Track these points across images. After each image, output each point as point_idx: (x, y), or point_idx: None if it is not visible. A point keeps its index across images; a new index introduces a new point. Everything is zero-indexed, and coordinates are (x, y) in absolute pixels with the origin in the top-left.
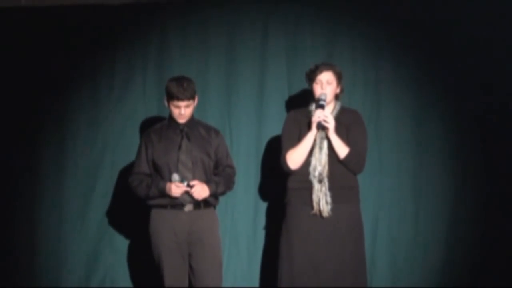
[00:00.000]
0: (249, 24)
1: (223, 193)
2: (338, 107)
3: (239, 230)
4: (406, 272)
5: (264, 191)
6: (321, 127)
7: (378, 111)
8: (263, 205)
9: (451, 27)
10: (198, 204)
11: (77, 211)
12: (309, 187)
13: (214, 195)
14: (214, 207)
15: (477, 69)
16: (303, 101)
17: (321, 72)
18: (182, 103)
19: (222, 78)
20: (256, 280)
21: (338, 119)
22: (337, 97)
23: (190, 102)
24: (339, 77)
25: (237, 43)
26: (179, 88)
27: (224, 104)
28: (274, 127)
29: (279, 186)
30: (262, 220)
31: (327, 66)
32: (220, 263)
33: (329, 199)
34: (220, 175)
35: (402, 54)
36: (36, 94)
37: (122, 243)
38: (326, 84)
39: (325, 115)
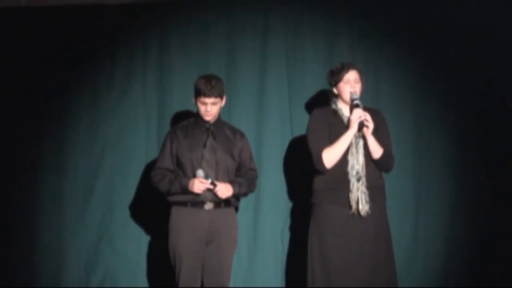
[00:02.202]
0: (249, 24)
1: (245, 195)
2: (362, 106)
3: (239, 230)
4: (406, 272)
5: (264, 191)
6: (362, 126)
7: None
8: (263, 205)
9: (451, 27)
10: (219, 203)
11: (77, 211)
12: (343, 187)
13: (236, 196)
14: (236, 208)
15: (477, 69)
16: (303, 101)
17: (347, 71)
18: (208, 100)
19: (222, 78)
20: (256, 280)
21: None
22: (360, 96)
23: (217, 100)
24: (362, 76)
25: (237, 43)
26: (207, 85)
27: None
28: (274, 127)
29: (278, 185)
30: (262, 220)
31: (352, 65)
32: (230, 264)
33: (368, 198)
34: (243, 177)
35: (402, 54)
36: (36, 94)
37: (122, 243)
38: (354, 83)
39: (365, 114)
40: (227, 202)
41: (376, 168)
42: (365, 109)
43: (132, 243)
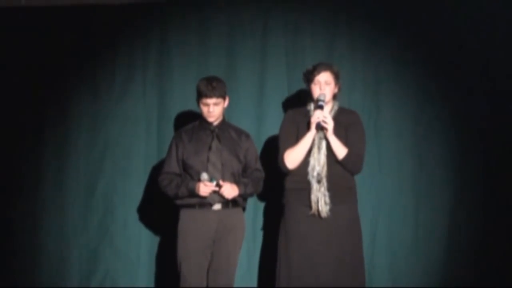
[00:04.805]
0: (249, 24)
1: (251, 195)
2: (336, 107)
3: None
4: (406, 272)
5: (263, 191)
6: (320, 127)
7: (378, 111)
8: (262, 205)
9: (451, 27)
10: (227, 204)
11: (78, 211)
12: (307, 188)
13: (243, 196)
14: (243, 208)
15: (477, 69)
16: (303, 101)
17: (319, 72)
18: (210, 101)
19: (222, 78)
20: (255, 280)
21: (336, 119)
22: (335, 97)
23: (219, 100)
24: (337, 77)
25: (237, 43)
26: (208, 86)
27: None
28: (273, 127)
29: (278, 186)
30: (261, 220)
31: (325, 66)
32: (234, 264)
33: (327, 200)
34: (248, 177)
35: (402, 54)
36: (36, 94)
37: (122, 243)
38: (324, 85)
39: (324, 115)
40: (234, 202)
41: (344, 169)
42: (341, 109)
43: (133, 243)
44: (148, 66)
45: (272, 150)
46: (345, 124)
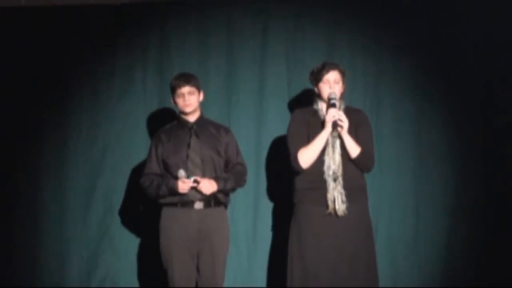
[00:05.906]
0: (249, 24)
1: (233, 190)
2: (343, 106)
3: (239, 230)
4: (406, 272)
5: (264, 191)
6: (336, 126)
7: (378, 111)
8: (262, 205)
9: (451, 27)
10: (209, 202)
11: (78, 211)
12: (321, 187)
13: (224, 192)
14: (225, 206)
15: (477, 69)
16: (303, 101)
17: (328, 71)
18: (184, 89)
19: (222, 78)
20: (255, 280)
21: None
22: (341, 96)
23: (193, 89)
24: (344, 76)
25: (237, 43)
26: (180, 77)
27: (224, 104)
28: (274, 127)
29: (278, 186)
30: (261, 220)
31: (334, 65)
32: (223, 263)
33: (344, 198)
34: (229, 172)
35: (402, 54)
36: (36, 94)
37: (123, 243)
38: (333, 83)
39: (340, 114)
40: (216, 200)
41: (356, 169)
42: (347, 108)
43: (133, 243)
44: (148, 66)
45: (272, 150)
46: (355, 123)
